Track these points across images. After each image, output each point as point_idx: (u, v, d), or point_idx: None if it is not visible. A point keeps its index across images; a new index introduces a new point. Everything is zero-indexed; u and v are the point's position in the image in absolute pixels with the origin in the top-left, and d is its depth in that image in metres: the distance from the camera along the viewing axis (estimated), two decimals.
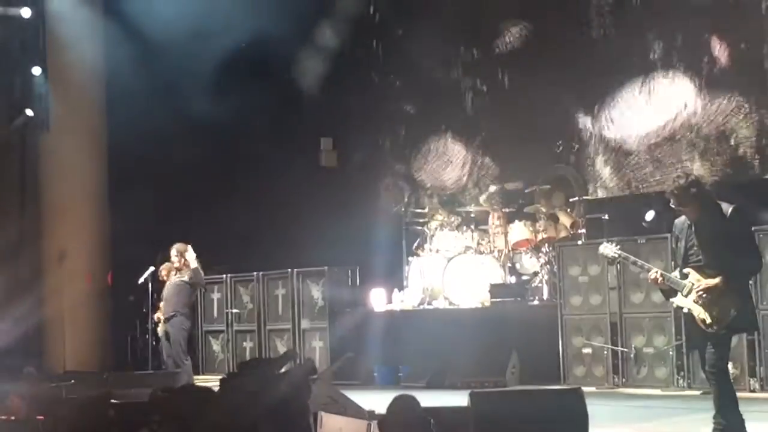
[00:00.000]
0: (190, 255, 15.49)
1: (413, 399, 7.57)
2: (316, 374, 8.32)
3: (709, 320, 9.10)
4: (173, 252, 15.63)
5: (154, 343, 17.70)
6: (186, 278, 15.46)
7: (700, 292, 9.10)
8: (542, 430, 8.03)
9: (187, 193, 19.51)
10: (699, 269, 9.22)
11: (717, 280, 9.05)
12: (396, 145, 20.83)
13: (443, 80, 19.96)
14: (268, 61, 19.58)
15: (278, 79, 19.86)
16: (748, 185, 15.52)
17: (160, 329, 16.26)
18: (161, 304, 16.39)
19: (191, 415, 6.45)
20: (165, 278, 16.26)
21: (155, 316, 16.74)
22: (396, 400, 7.59)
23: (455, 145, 19.84)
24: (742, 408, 9.16)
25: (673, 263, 9.94)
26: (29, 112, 19.07)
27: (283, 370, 7.68)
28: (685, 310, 9.34)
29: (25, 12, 18.92)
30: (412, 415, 7.45)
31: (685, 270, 9.32)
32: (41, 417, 9.17)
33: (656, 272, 9.51)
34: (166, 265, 16.08)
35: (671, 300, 9.56)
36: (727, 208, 9.21)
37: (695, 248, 9.27)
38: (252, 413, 6.49)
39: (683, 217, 9.42)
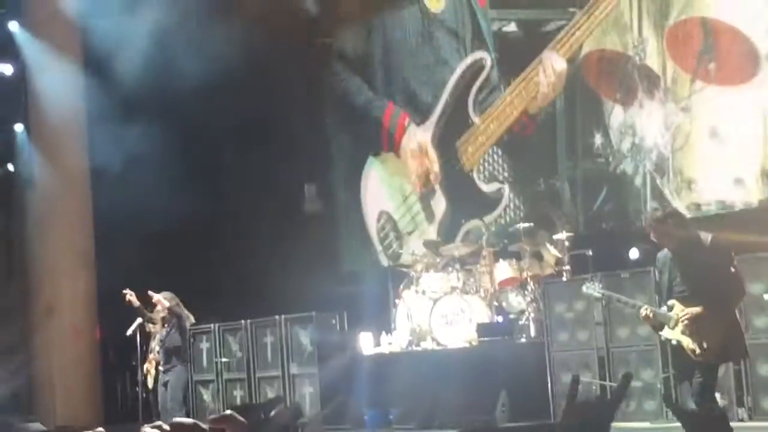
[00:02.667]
0: (172, 300, 15.64)
1: None
2: (304, 417, 8.37)
3: (698, 350, 9.19)
4: (157, 301, 15.78)
5: (144, 395, 17.72)
6: (174, 328, 15.55)
7: (686, 322, 9.19)
8: None
9: (172, 245, 19.56)
10: (683, 300, 9.31)
11: (700, 308, 9.14)
12: None
13: None
14: (247, 110, 19.70)
15: (262, 127, 19.98)
16: None
17: (150, 381, 16.30)
18: (151, 356, 16.46)
19: None
20: (152, 329, 16.36)
21: (145, 367, 16.79)
22: None
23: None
24: None
25: (657, 297, 10.02)
26: (10, 167, 19.17)
27: (271, 414, 7.71)
28: (674, 342, 9.43)
29: (7, 69, 19.07)
30: None
31: (670, 302, 9.41)
32: None
33: (646, 309, 9.62)
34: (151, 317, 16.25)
35: (659, 333, 9.65)
36: (706, 237, 9.32)
37: (678, 280, 9.37)
38: None
39: (665, 251, 9.53)
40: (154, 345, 16.79)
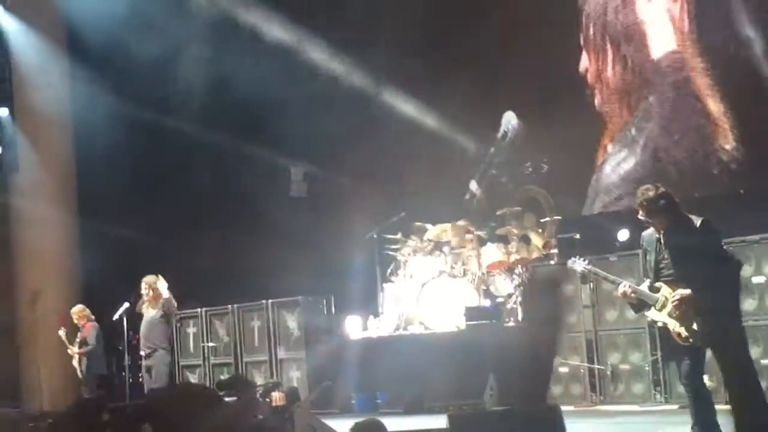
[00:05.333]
0: (161, 285, 15.43)
1: (377, 423, 7.56)
2: (300, 402, 8.37)
3: (685, 334, 9.12)
4: (143, 285, 15.56)
5: (131, 379, 17.65)
6: (160, 312, 15.39)
7: (675, 304, 9.12)
8: None
9: (158, 228, 19.49)
10: (671, 283, 9.23)
11: (688, 291, 9.06)
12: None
13: None
14: (234, 91, 19.58)
15: (247, 109, 19.84)
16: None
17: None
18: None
19: (188, 413, 6.47)
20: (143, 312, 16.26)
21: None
22: (359, 425, 7.56)
23: None
24: (719, 420, 9.20)
25: (645, 279, 9.96)
26: None
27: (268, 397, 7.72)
28: (660, 324, 9.38)
29: None
30: None
31: (657, 284, 9.34)
32: None
33: (625, 285, 9.55)
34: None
35: (645, 314, 9.59)
36: (697, 221, 9.23)
37: (665, 262, 9.29)
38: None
39: (651, 230, 9.43)
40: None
